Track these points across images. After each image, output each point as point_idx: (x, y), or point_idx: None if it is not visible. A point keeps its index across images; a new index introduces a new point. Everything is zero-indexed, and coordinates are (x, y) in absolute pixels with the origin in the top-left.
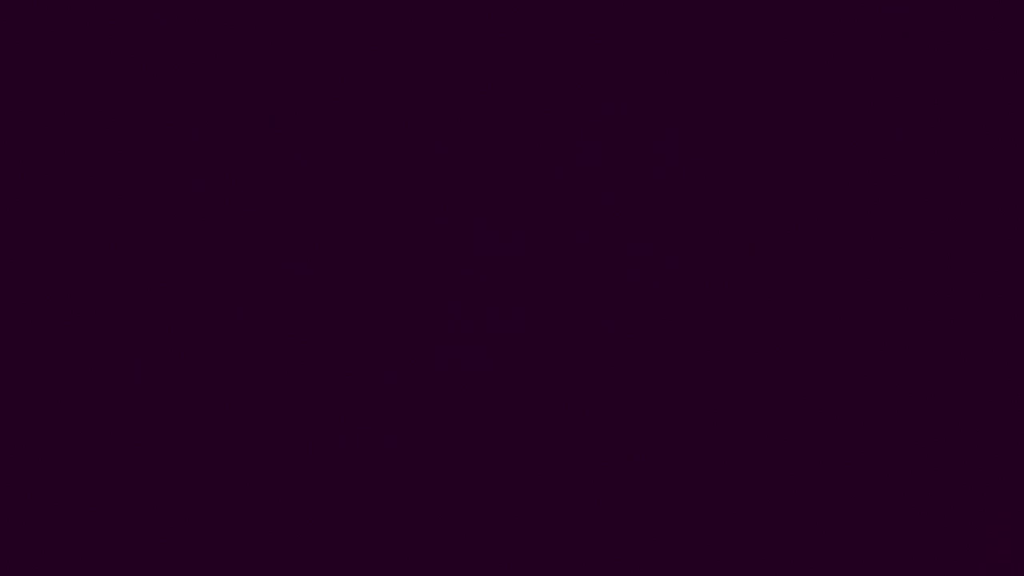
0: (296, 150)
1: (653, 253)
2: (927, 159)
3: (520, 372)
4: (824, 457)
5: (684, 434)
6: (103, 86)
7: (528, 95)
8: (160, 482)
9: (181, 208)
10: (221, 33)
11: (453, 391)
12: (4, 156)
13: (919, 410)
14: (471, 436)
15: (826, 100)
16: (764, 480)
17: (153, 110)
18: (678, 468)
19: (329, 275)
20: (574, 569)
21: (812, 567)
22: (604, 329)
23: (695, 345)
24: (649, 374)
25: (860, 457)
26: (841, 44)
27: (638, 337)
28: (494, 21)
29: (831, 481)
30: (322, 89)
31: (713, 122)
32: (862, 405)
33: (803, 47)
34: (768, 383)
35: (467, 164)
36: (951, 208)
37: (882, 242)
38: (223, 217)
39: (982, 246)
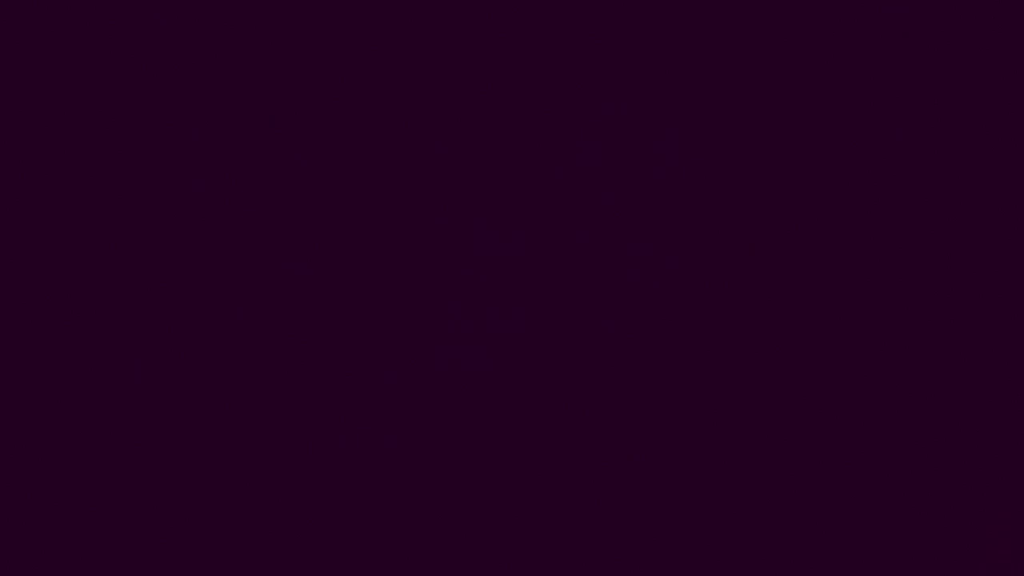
0: (296, 150)
1: (653, 253)
2: (927, 159)
3: (520, 372)
4: (824, 457)
5: (684, 434)
6: (103, 86)
7: (528, 95)
8: (160, 482)
9: (181, 208)
10: (221, 33)
11: (453, 391)
12: (4, 156)
13: (919, 410)
14: (471, 436)
15: (826, 100)
16: (764, 480)
17: (153, 110)
18: (678, 468)
19: (329, 275)
20: (574, 569)
21: (812, 567)
22: (604, 329)
23: (695, 345)
24: (649, 374)
25: (860, 457)
26: (841, 44)
27: (638, 337)
28: (494, 21)
29: (831, 481)
30: (322, 89)
31: (713, 122)
32: (862, 405)
33: (803, 47)
34: (768, 383)
35: (467, 164)
36: (951, 208)
37: (882, 242)
38: (223, 217)
39: (982, 246)
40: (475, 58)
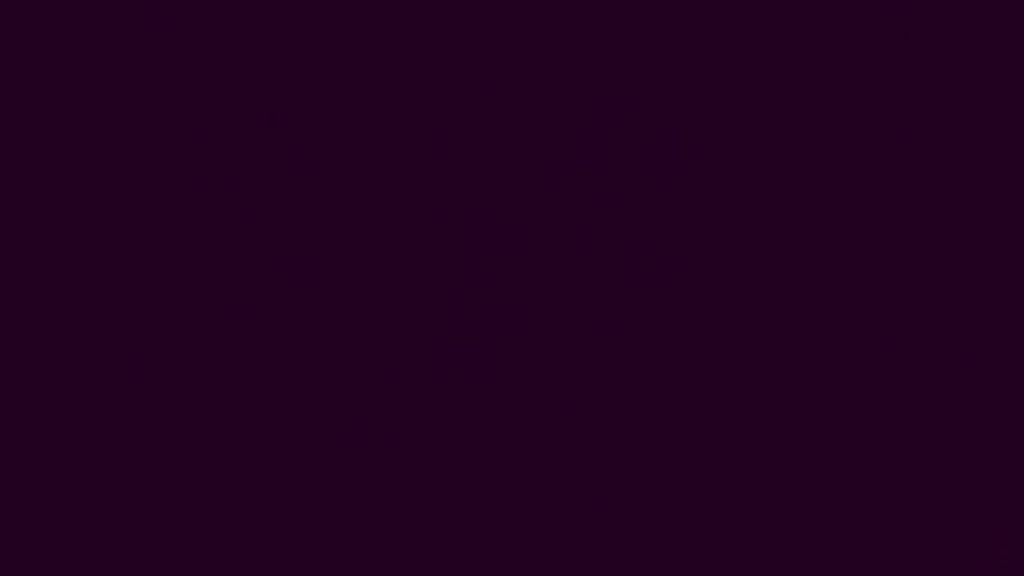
0: (296, 150)
1: (653, 253)
2: (927, 159)
3: (520, 372)
4: (824, 457)
5: (684, 434)
6: (103, 86)
7: (528, 95)
8: (160, 482)
9: (181, 208)
10: (221, 33)
11: (453, 391)
12: (4, 156)
13: (919, 410)
14: (471, 436)
15: (826, 100)
16: (764, 480)
17: (153, 110)
18: (678, 468)
19: (329, 275)
20: (574, 569)
21: (812, 567)
22: (604, 329)
23: (695, 345)
24: (649, 374)
25: (860, 457)
26: (841, 44)
27: (638, 337)
28: (494, 21)
29: (831, 481)
30: (322, 89)
31: (713, 122)
32: (862, 405)
33: (803, 47)
34: (768, 383)
35: (467, 164)
36: (951, 208)
37: (882, 242)
38: (223, 217)
39: (982, 246)
40: (475, 58)
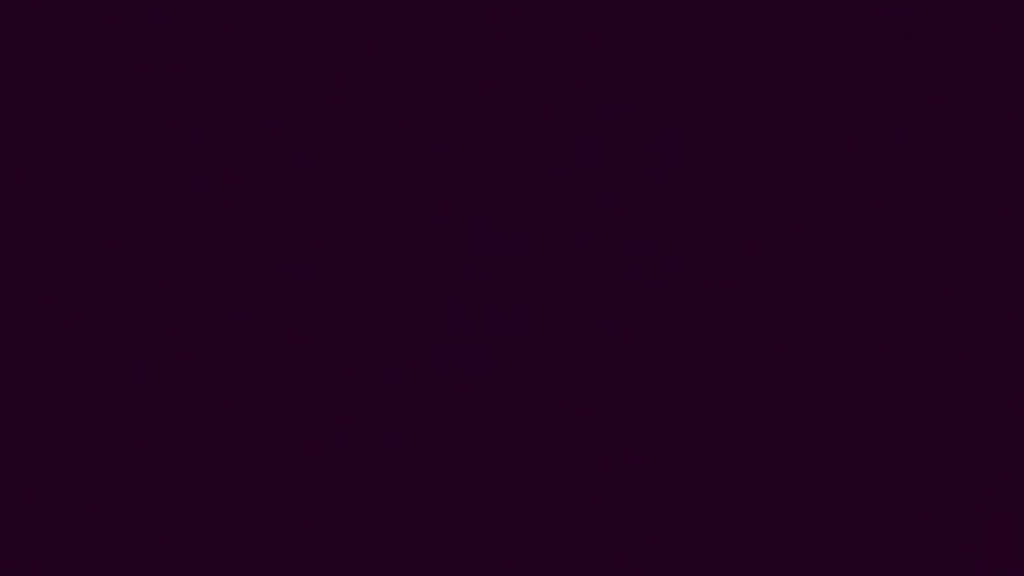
0: (296, 150)
1: (653, 253)
2: (927, 159)
3: (520, 372)
4: (824, 457)
5: (684, 434)
6: (103, 86)
7: (528, 95)
8: (160, 482)
9: (181, 208)
10: (221, 33)
11: (453, 391)
12: (4, 156)
13: (919, 410)
14: (471, 436)
15: (826, 100)
16: (764, 480)
17: (153, 110)
18: (678, 468)
19: (329, 275)
20: (574, 569)
21: (812, 567)
22: (604, 329)
23: (695, 345)
24: (649, 374)
25: (860, 457)
26: (841, 44)
27: (638, 337)
28: (494, 21)
29: (831, 481)
30: (322, 89)
31: (713, 122)
32: (862, 405)
33: (803, 47)
34: (768, 383)
35: (467, 164)
36: (951, 208)
37: (882, 242)
38: (223, 217)
39: (982, 246)
40: (475, 58)
